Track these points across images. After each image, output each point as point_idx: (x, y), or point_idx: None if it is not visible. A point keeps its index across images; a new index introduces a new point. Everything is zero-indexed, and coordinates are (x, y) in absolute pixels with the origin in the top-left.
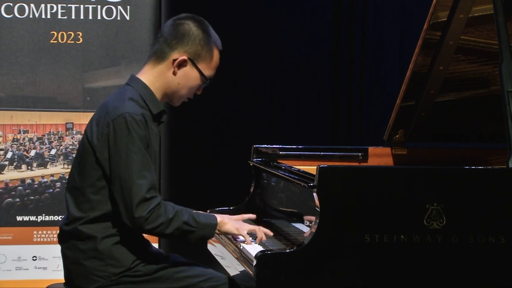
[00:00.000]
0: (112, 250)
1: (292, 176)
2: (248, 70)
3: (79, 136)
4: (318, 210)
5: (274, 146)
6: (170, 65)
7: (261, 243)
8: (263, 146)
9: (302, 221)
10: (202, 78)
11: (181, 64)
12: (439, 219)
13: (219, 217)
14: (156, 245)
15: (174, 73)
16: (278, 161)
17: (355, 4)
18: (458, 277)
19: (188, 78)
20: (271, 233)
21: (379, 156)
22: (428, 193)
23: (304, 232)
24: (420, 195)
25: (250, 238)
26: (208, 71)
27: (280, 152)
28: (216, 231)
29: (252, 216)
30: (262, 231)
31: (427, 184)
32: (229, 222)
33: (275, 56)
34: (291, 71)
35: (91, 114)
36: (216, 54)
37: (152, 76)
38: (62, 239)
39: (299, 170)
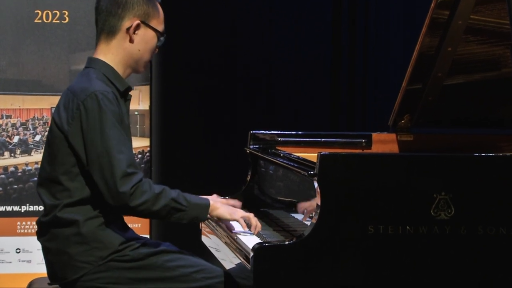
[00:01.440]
0: (96, 233)
1: (291, 163)
2: (245, 54)
3: None
4: (319, 199)
5: (272, 132)
6: (124, 35)
7: (258, 234)
8: (261, 132)
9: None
10: (157, 35)
11: (136, 29)
12: (447, 209)
13: (212, 200)
14: (147, 236)
15: (131, 41)
16: (277, 148)
17: None
18: (466, 270)
19: (146, 41)
20: (260, 226)
21: (384, 143)
22: (435, 181)
23: (304, 223)
24: (427, 183)
25: (245, 229)
26: (160, 26)
27: (279, 139)
28: (208, 215)
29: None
30: (256, 219)
31: (434, 172)
32: (222, 206)
33: (272, 39)
34: (289, 54)
35: None
36: (159, 7)
37: (110, 53)
38: (41, 233)
39: (298, 157)
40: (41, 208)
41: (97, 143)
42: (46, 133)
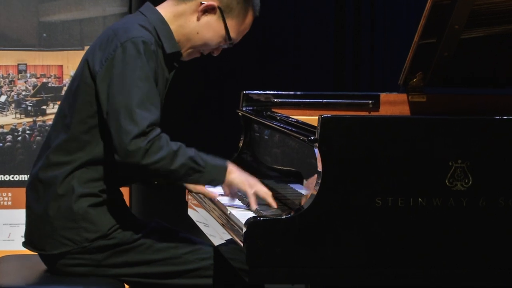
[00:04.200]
0: (88, 212)
1: (289, 128)
2: None
3: (34, 80)
4: (320, 168)
5: (267, 92)
6: (195, 8)
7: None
8: (255, 92)
9: (301, 182)
10: (225, 37)
11: (208, 11)
12: (464, 178)
13: (229, 163)
14: None
15: (198, 18)
16: (273, 110)
17: None
18: (485, 247)
19: (209, 30)
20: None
21: (393, 104)
22: (451, 148)
23: (303, 194)
24: (442, 150)
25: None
26: (234, 33)
27: (275, 100)
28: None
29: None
30: (273, 201)
31: (450, 138)
32: (238, 171)
33: None
34: (288, 5)
35: (48, 53)
36: (249, 18)
37: (172, 14)
38: (32, 187)
39: (297, 120)
40: (7, 177)
41: (123, 91)
42: (13, 93)
